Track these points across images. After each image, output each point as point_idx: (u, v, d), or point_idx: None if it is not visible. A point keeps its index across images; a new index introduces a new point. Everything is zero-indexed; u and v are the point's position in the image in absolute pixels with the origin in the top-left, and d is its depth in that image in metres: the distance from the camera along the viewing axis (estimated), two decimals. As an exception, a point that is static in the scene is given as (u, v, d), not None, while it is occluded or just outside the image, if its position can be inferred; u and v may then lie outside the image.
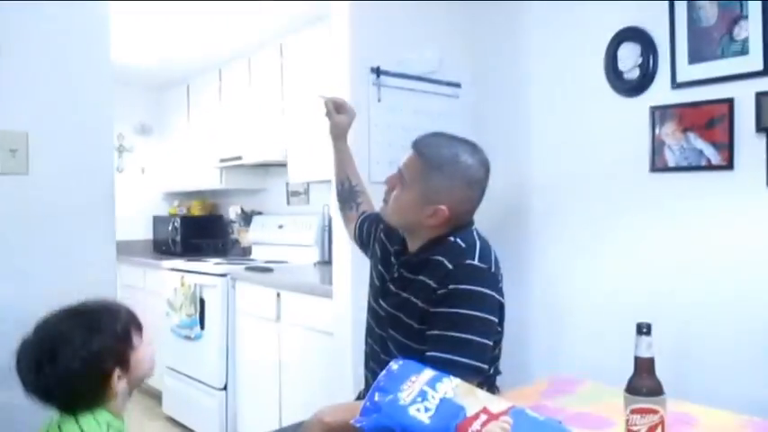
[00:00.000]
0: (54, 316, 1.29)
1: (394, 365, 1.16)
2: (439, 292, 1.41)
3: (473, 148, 1.50)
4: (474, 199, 1.50)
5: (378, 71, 2.54)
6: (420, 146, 1.48)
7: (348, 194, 1.92)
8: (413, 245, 1.54)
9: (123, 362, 1.29)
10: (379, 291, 1.62)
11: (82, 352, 1.23)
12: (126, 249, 4.87)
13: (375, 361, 1.60)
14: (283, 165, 3.75)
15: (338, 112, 1.86)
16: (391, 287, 1.55)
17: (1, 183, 1.80)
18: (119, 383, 1.27)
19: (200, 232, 4.78)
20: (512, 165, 2.76)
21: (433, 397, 1.08)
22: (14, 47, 1.82)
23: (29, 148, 1.83)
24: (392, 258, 1.60)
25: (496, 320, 1.44)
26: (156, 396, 4.23)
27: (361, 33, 2.52)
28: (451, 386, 1.12)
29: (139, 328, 1.36)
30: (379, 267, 1.65)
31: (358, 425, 1.06)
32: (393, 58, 2.60)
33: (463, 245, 1.46)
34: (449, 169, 1.44)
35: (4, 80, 1.80)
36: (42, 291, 1.87)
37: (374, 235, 1.75)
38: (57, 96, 1.90)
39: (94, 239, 1.98)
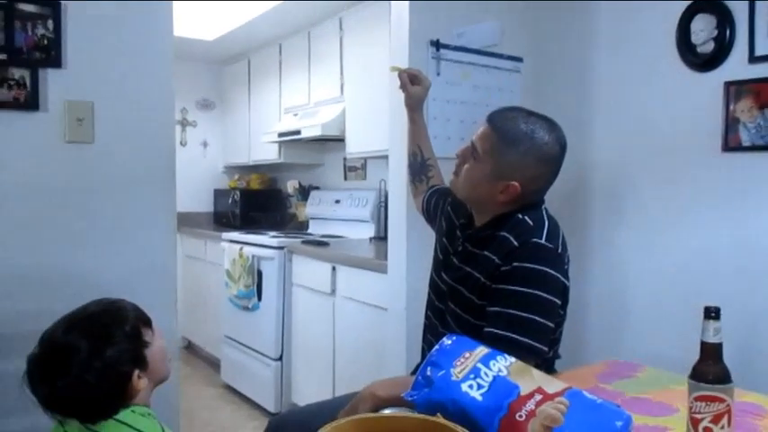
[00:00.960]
0: (58, 327, 1.23)
1: (447, 341, 1.14)
2: (502, 268, 1.38)
3: (551, 124, 1.46)
4: (547, 177, 1.46)
5: (437, 44, 2.49)
6: (495, 119, 1.45)
7: (419, 167, 1.91)
8: (480, 219, 1.52)
9: (140, 361, 1.26)
10: (441, 263, 1.61)
11: (96, 363, 1.19)
12: (188, 221, 5.02)
13: (433, 334, 1.59)
14: (341, 140, 3.76)
15: (413, 83, 1.85)
16: (454, 260, 1.54)
17: (68, 150, 1.86)
18: (140, 382, 1.25)
19: (258, 206, 4.86)
20: (573, 143, 2.62)
21: (486, 374, 1.06)
22: (81, 20, 1.87)
23: (94, 118, 1.88)
24: (457, 232, 1.58)
25: (559, 302, 1.40)
26: (215, 364, 4.36)
27: (420, 6, 2.47)
28: (505, 364, 1.09)
29: (148, 323, 1.32)
30: (444, 240, 1.63)
31: (409, 398, 1.05)
32: (453, 31, 2.54)
33: (531, 222, 1.43)
34: (524, 145, 1.40)
35: (72, 52, 1.85)
36: (104, 257, 1.94)
37: (441, 208, 1.73)
38: (121, 69, 1.95)
39: (155, 209, 2.03)
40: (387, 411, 1.12)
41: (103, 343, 1.21)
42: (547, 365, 1.48)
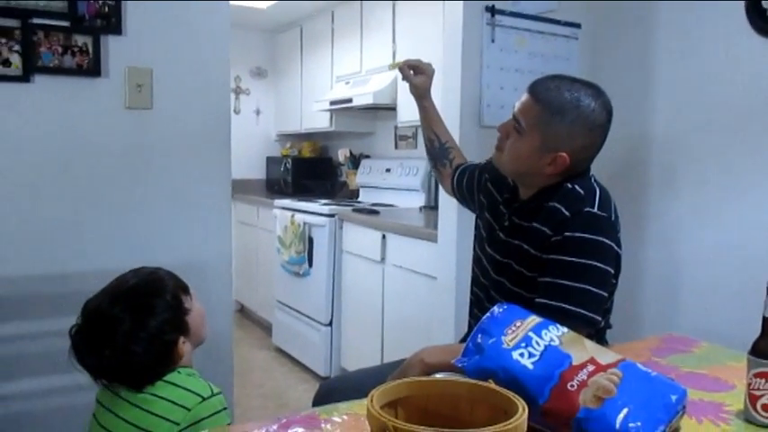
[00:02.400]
0: (101, 301, 1.26)
1: (497, 309, 1.13)
2: (553, 239, 1.36)
3: (595, 90, 1.41)
4: (596, 145, 1.42)
5: (492, 10, 2.43)
6: (538, 90, 1.40)
7: (439, 152, 1.88)
8: (525, 192, 1.49)
9: (183, 328, 1.29)
10: (486, 240, 1.59)
11: (141, 333, 1.22)
12: (241, 188, 5.11)
13: (480, 309, 1.58)
14: (392, 108, 3.74)
15: (415, 73, 1.83)
16: (501, 235, 1.51)
17: (129, 116, 1.91)
18: (183, 347, 1.29)
19: (310, 173, 4.91)
20: (632, 114, 2.59)
21: (537, 343, 1.05)
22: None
23: (153, 85, 1.92)
24: (501, 207, 1.55)
25: (613, 271, 1.37)
26: (267, 328, 4.47)
27: (476, -30, 2.42)
28: (557, 334, 1.08)
29: (186, 290, 1.35)
30: (487, 216, 1.61)
31: (459, 365, 1.05)
32: (509, -4, 2.48)
33: (582, 191, 1.39)
34: (570, 114, 1.36)
35: (132, 19, 1.89)
36: (162, 221, 2.00)
37: (478, 185, 1.70)
38: (179, 36, 1.98)
39: (211, 174, 2.08)
40: (438, 376, 1.13)
41: (147, 314, 1.24)
42: (599, 336, 1.47)
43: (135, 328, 1.22)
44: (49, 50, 1.79)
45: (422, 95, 1.86)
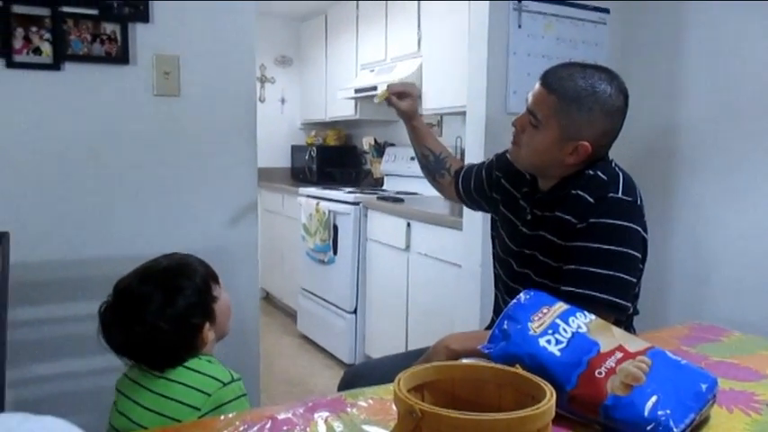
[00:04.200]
0: (132, 279, 1.28)
1: (524, 296, 1.13)
2: (578, 226, 1.34)
3: (609, 74, 1.38)
4: (616, 129, 1.40)
5: (520, -5, 2.41)
6: (550, 80, 1.37)
7: (435, 165, 1.85)
8: (545, 184, 1.47)
9: (209, 314, 1.31)
10: (507, 236, 1.57)
11: (169, 311, 1.24)
12: (266, 176, 5.14)
13: (505, 304, 1.58)
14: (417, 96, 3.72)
15: (400, 98, 1.78)
16: (523, 230, 1.50)
17: (157, 103, 1.93)
18: (208, 335, 1.30)
19: (334, 162, 4.92)
20: (661, 101, 2.55)
21: (564, 330, 1.05)
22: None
23: (180, 72, 1.94)
24: (521, 202, 1.53)
25: (640, 256, 1.35)
26: (292, 315, 4.51)
27: (502, -46, 2.39)
28: (585, 321, 1.07)
29: (216, 278, 1.36)
30: (504, 212, 1.59)
31: (486, 351, 1.05)
32: (536, -20, 2.45)
33: (605, 177, 1.37)
34: (587, 101, 1.33)
35: (159, 6, 1.91)
36: (189, 208, 2.02)
37: (489, 183, 1.67)
38: (205, 23, 1.99)
39: (238, 162, 2.09)
40: (465, 361, 1.13)
41: (176, 294, 1.26)
42: (626, 323, 1.45)
43: (164, 305, 1.24)
44: (79, 38, 1.81)
45: (411, 117, 1.82)
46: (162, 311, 1.24)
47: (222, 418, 1.01)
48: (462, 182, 1.78)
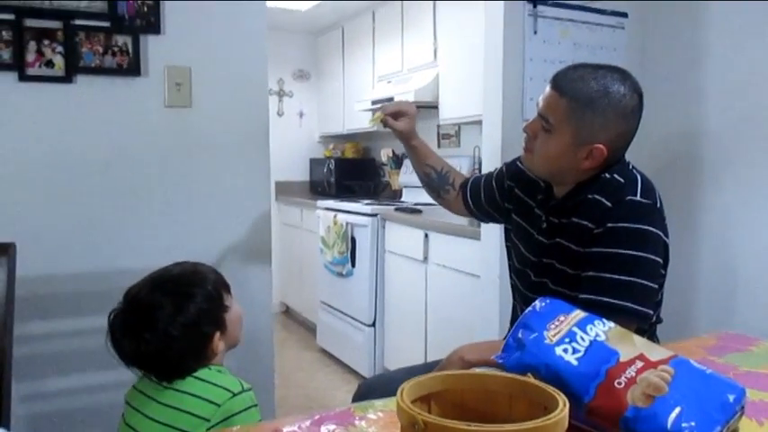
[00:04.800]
0: (143, 286, 1.27)
1: (540, 303, 1.08)
2: (596, 231, 1.30)
3: (622, 74, 1.33)
4: (632, 130, 1.35)
5: (534, 0, 2.37)
6: (561, 83, 1.32)
7: (438, 181, 1.78)
8: (560, 190, 1.42)
9: (220, 324, 1.28)
10: (523, 246, 1.53)
11: (179, 318, 1.22)
12: (285, 190, 5.14)
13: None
14: (434, 107, 3.70)
15: (396, 118, 1.69)
16: (540, 239, 1.45)
17: (168, 115, 1.93)
18: (219, 344, 1.28)
19: (353, 174, 4.90)
20: (681, 107, 2.49)
21: (582, 339, 1.00)
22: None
23: (192, 83, 1.93)
24: (536, 210, 1.49)
25: (662, 261, 1.30)
26: (312, 329, 4.48)
27: (517, -41, 2.36)
28: (604, 329, 1.02)
29: (227, 288, 1.34)
30: (519, 221, 1.55)
31: (499, 361, 1.01)
32: (552, -15, 2.42)
33: (622, 180, 1.33)
34: (600, 103, 1.29)
35: (170, 18, 1.91)
36: (201, 220, 2.01)
37: (501, 194, 1.63)
38: (216, 35, 1.99)
39: (251, 173, 2.08)
40: (476, 370, 1.09)
41: (186, 301, 1.24)
42: (650, 331, 1.39)
43: (175, 313, 1.23)
44: (91, 51, 1.81)
45: (409, 137, 1.73)
46: (172, 319, 1.22)
47: (225, 430, 0.98)
48: (471, 194, 1.72)
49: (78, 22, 1.80)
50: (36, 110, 1.80)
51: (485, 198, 1.68)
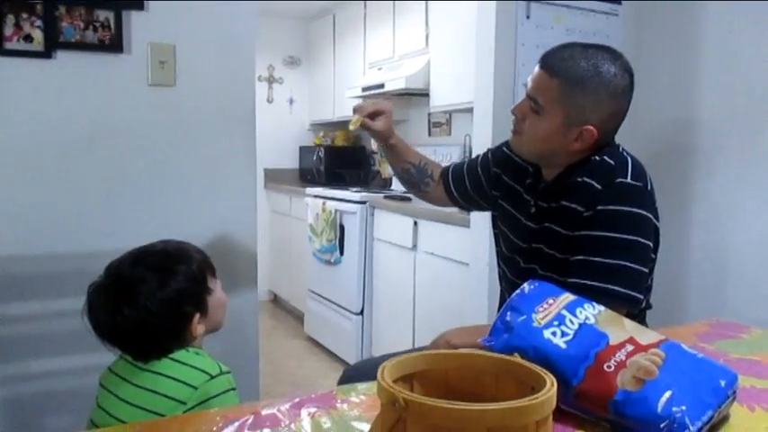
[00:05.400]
0: (125, 260, 1.24)
1: (528, 286, 1.05)
2: (585, 214, 1.27)
3: (612, 53, 1.30)
4: (623, 111, 1.32)
5: (528, -16, 2.33)
6: (551, 62, 1.29)
7: (418, 176, 1.70)
8: (550, 173, 1.40)
9: (201, 305, 1.25)
10: (510, 232, 1.50)
11: (160, 294, 1.19)
12: (275, 177, 5.09)
13: None
14: (425, 94, 3.66)
15: (373, 118, 1.59)
16: (528, 224, 1.42)
17: (152, 93, 1.88)
18: (198, 327, 1.24)
19: (343, 162, 4.85)
20: (675, 95, 2.46)
21: (571, 322, 0.97)
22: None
23: (176, 61, 1.88)
24: (524, 195, 1.46)
25: (652, 245, 1.28)
26: (299, 317, 4.44)
27: (509, -58, 2.32)
28: (593, 312, 1.00)
29: (212, 270, 1.31)
30: (507, 207, 1.52)
31: (486, 344, 0.98)
32: (545, -31, 2.38)
33: (612, 162, 1.30)
34: (591, 83, 1.26)
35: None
36: (185, 200, 1.97)
37: (487, 181, 1.58)
38: (201, 12, 1.93)
39: (236, 154, 2.03)
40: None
41: (168, 277, 1.21)
42: (640, 317, 1.37)
43: (156, 288, 1.20)
44: (71, 25, 1.75)
45: (388, 136, 1.64)
46: (153, 294, 1.19)
47: (202, 413, 0.95)
48: (454, 183, 1.67)
49: (59, -5, 1.74)
50: (14, 86, 1.74)
51: (470, 185, 1.64)
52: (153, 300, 1.18)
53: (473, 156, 2.45)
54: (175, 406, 1.15)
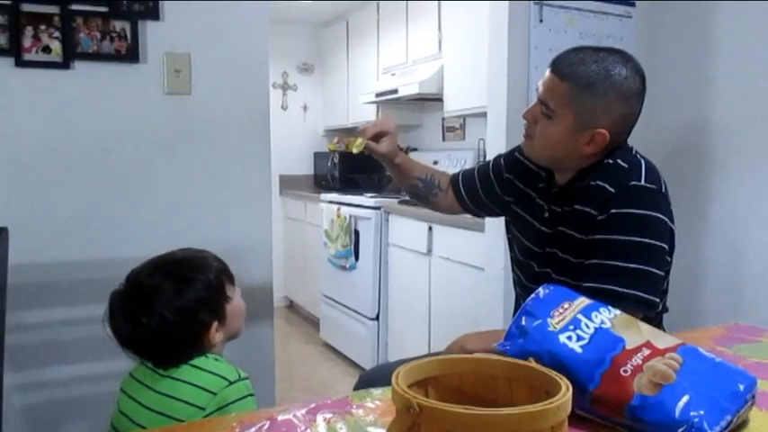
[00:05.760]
0: (144, 268, 1.25)
1: (543, 290, 1.05)
2: (599, 218, 1.26)
3: (623, 56, 1.30)
4: (634, 114, 1.32)
5: (541, -12, 2.33)
6: (561, 66, 1.29)
7: (426, 188, 1.69)
8: (562, 177, 1.39)
9: (219, 313, 1.26)
10: (525, 238, 1.50)
11: (177, 302, 1.20)
12: (289, 184, 5.12)
13: None
14: (439, 99, 3.66)
15: (377, 140, 1.56)
16: (542, 229, 1.42)
17: (168, 102, 1.90)
18: (216, 335, 1.25)
19: (357, 168, 4.86)
20: (689, 97, 2.45)
21: (587, 326, 0.97)
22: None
23: (191, 70, 1.90)
24: (537, 200, 1.46)
25: (667, 248, 1.27)
26: (315, 323, 4.45)
27: (522, -54, 2.32)
28: (609, 317, 0.99)
29: (231, 278, 1.32)
30: (519, 212, 1.52)
31: (501, 349, 0.98)
32: (558, -27, 2.37)
33: (625, 165, 1.30)
34: (601, 86, 1.25)
35: (169, 4, 1.88)
36: (200, 208, 1.98)
37: (500, 186, 1.58)
38: (215, 21, 1.96)
39: (251, 161, 2.05)
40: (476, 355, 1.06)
41: (185, 286, 1.22)
42: (656, 320, 1.36)
43: (172, 297, 1.21)
44: (88, 36, 1.78)
45: (393, 156, 1.61)
46: (169, 303, 1.20)
47: (218, 418, 0.95)
48: (465, 190, 1.66)
49: (75, 6, 1.77)
50: (33, 96, 1.78)
51: (483, 192, 1.63)
52: (169, 308, 1.19)
53: (483, 161, 2.46)
54: (195, 412, 1.16)
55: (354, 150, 1.56)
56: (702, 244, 2.41)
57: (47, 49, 1.75)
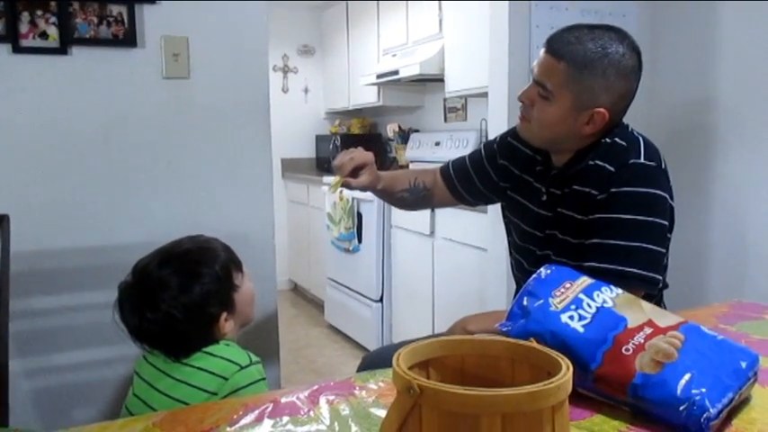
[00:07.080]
0: (152, 260, 1.24)
1: (545, 271, 1.05)
2: (599, 197, 1.26)
3: (619, 33, 1.28)
4: (632, 91, 1.30)
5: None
6: (557, 46, 1.26)
7: (413, 196, 1.63)
8: (560, 159, 1.38)
9: (228, 304, 1.25)
10: (523, 223, 1.48)
11: (182, 298, 1.20)
12: (291, 167, 5.11)
13: None
14: (440, 79, 3.63)
15: (355, 175, 1.47)
16: (541, 212, 1.41)
17: (166, 86, 1.89)
18: (226, 325, 1.25)
19: (359, 150, 4.84)
20: (693, 75, 2.42)
21: (588, 305, 0.97)
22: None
23: (189, 54, 1.89)
24: (534, 184, 1.44)
25: (668, 225, 1.26)
26: (320, 306, 4.47)
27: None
28: (611, 296, 0.99)
29: (239, 266, 1.31)
30: (517, 198, 1.50)
31: (503, 329, 0.98)
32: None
33: (623, 143, 1.29)
34: (599, 65, 1.24)
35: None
36: (201, 192, 1.98)
37: (496, 173, 1.55)
38: (214, 4, 1.93)
39: (252, 144, 2.04)
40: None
41: (193, 281, 1.22)
42: (657, 297, 1.36)
43: (179, 293, 1.20)
44: (85, 21, 1.77)
45: (375, 185, 1.52)
46: (175, 299, 1.20)
47: (222, 401, 0.96)
48: (459, 181, 1.61)
49: (72, -9, 1.76)
50: (31, 82, 1.77)
51: (479, 181, 1.58)
52: (176, 305, 1.19)
53: (486, 140, 2.45)
54: (208, 397, 1.17)
55: (331, 190, 1.48)
56: (706, 222, 2.40)
57: (44, 35, 1.74)
